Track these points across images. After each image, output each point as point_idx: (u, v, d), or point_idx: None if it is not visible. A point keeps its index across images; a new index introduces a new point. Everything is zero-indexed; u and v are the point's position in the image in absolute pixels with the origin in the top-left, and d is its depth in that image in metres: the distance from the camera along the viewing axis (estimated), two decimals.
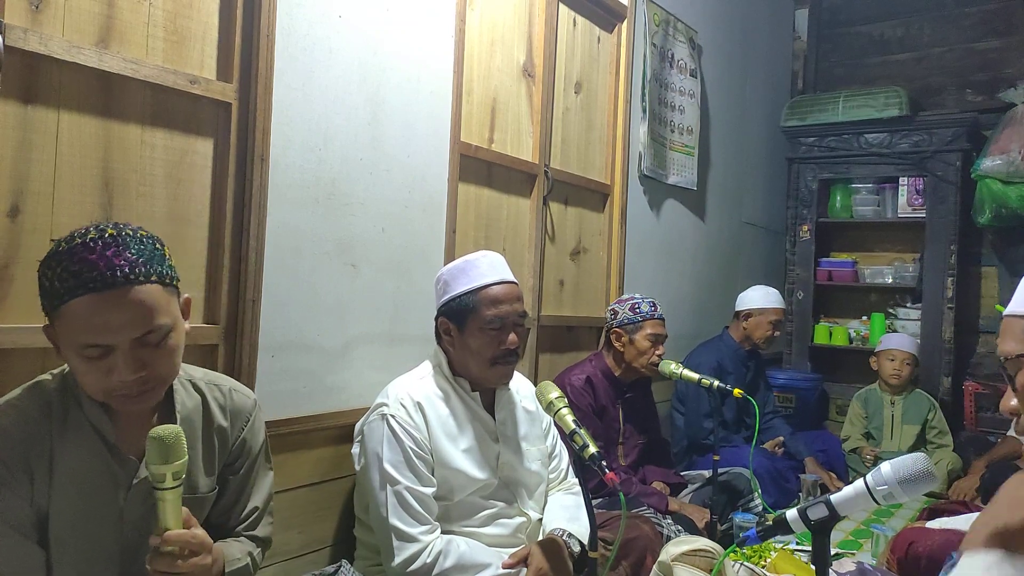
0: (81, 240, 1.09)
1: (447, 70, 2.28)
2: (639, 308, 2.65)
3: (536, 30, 2.73)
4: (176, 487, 1.10)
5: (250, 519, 1.39)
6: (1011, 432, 3.44)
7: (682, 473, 2.93)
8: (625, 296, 2.78)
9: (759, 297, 3.47)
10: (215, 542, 1.23)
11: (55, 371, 1.24)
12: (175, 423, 1.25)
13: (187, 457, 1.11)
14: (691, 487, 2.82)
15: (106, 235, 1.10)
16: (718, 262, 4.13)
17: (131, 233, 1.13)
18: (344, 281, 1.99)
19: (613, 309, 2.71)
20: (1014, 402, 1.01)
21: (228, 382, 1.41)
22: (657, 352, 2.63)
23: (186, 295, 1.23)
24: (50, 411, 1.18)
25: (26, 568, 1.14)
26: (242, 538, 1.38)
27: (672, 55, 3.54)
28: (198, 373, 1.37)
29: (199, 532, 1.15)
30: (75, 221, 1.48)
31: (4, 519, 1.12)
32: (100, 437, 1.20)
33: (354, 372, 2.03)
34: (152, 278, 1.12)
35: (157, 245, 1.16)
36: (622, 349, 2.64)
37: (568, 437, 1.64)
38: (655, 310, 2.67)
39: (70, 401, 1.20)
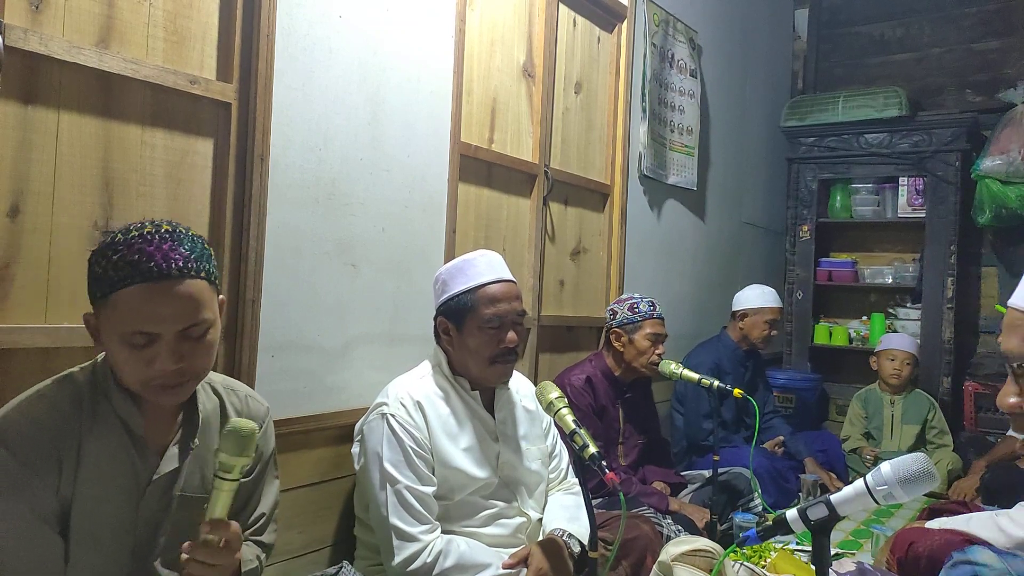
0: (138, 232, 1.15)
1: (447, 70, 2.28)
2: (638, 308, 2.65)
3: (536, 30, 2.73)
4: (236, 480, 1.14)
5: (257, 524, 1.41)
6: (1011, 432, 3.44)
7: (682, 473, 2.93)
8: (624, 296, 2.78)
9: (755, 296, 3.47)
10: None
11: (84, 364, 1.26)
12: (198, 423, 1.28)
13: (253, 457, 1.17)
14: (691, 487, 2.82)
15: (163, 230, 1.16)
16: (718, 262, 4.13)
17: (184, 231, 1.19)
18: (344, 281, 1.99)
19: (612, 309, 2.71)
20: (1014, 399, 1.00)
21: (244, 388, 1.43)
22: (657, 352, 2.63)
23: (221, 296, 1.26)
24: (81, 403, 1.20)
25: (47, 558, 1.15)
26: (249, 542, 1.39)
27: (672, 55, 3.54)
28: (216, 378, 1.39)
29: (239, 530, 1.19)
30: (75, 221, 1.48)
31: (31, 508, 1.14)
32: (127, 431, 1.22)
33: (354, 372, 2.03)
34: (201, 274, 1.18)
35: (205, 245, 1.22)
36: (622, 349, 2.64)
37: (568, 437, 1.64)
38: (654, 309, 2.67)
39: (99, 394, 1.22)
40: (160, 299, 1.13)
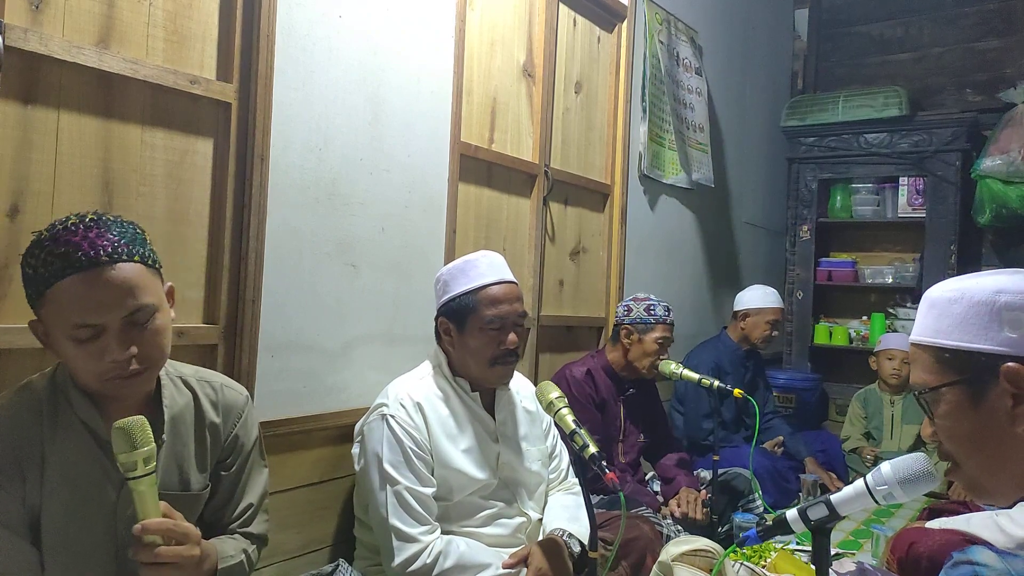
0: (63, 226, 1.13)
1: (447, 70, 2.28)
2: (654, 310, 2.65)
3: (536, 30, 2.73)
4: (148, 475, 1.10)
5: (244, 516, 1.39)
6: None
7: None
8: (641, 295, 2.77)
9: (757, 297, 3.47)
10: (209, 540, 1.23)
11: (44, 371, 1.24)
12: (164, 419, 1.26)
13: (154, 445, 1.11)
14: None
15: (87, 219, 1.14)
16: (718, 262, 4.13)
17: (111, 218, 1.17)
18: (344, 281, 1.99)
19: (627, 305, 2.70)
20: (929, 429, 1.00)
21: (219, 378, 1.40)
22: (661, 356, 2.65)
23: (169, 283, 1.25)
24: (40, 411, 1.18)
25: (21, 567, 1.14)
26: (236, 535, 1.37)
27: (677, 54, 3.55)
28: (188, 370, 1.36)
29: (183, 523, 1.15)
30: None
31: None
32: (91, 434, 1.20)
33: (354, 372, 2.03)
34: (135, 258, 1.15)
35: (138, 230, 1.20)
36: (629, 346, 2.65)
37: (568, 437, 1.64)
38: (668, 315, 2.67)
39: (60, 400, 1.20)
40: (94, 286, 1.11)
